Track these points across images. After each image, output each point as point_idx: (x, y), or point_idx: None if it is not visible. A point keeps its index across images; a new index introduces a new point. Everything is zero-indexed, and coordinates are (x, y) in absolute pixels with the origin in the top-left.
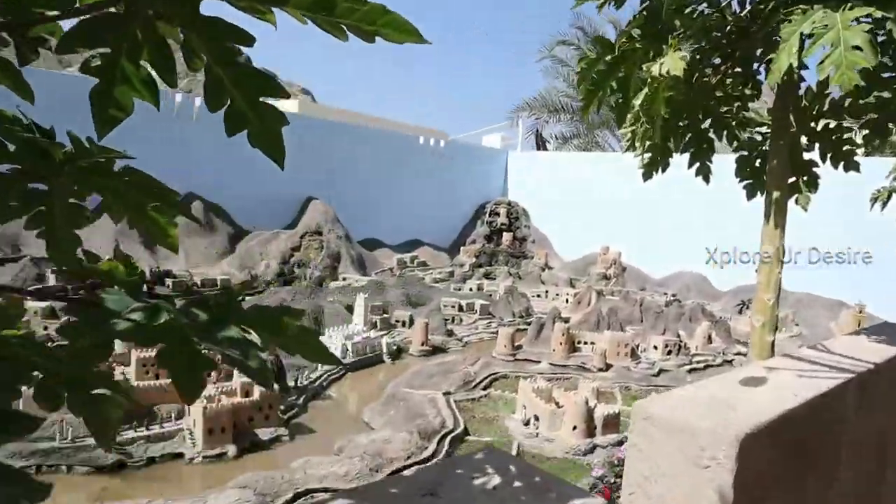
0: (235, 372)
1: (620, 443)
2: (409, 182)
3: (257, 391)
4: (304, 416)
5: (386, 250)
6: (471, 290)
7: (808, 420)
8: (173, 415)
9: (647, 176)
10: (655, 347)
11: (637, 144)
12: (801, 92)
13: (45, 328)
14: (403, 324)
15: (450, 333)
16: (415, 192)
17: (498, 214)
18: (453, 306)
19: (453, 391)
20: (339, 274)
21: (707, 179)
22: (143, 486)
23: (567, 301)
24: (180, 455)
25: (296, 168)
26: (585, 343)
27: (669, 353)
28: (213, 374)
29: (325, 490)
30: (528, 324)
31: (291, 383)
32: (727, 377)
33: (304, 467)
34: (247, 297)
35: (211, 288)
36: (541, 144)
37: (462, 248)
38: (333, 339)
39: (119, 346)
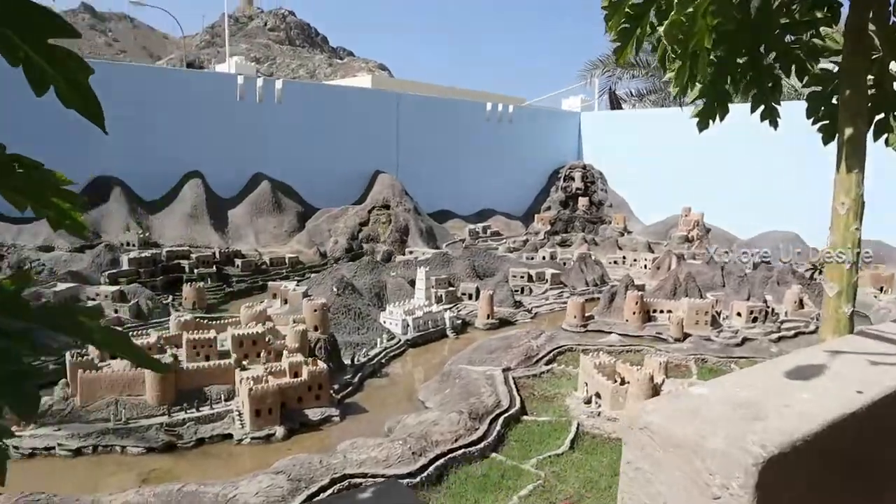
0: (285, 352)
1: None
2: (478, 151)
3: (306, 371)
4: (359, 394)
5: (457, 221)
6: (543, 258)
7: (872, 428)
8: (223, 396)
9: (701, 125)
10: (739, 314)
11: (692, 91)
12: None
13: (116, 311)
14: (470, 296)
15: (518, 305)
16: (484, 161)
17: (573, 179)
18: (522, 276)
19: (513, 367)
20: (406, 247)
21: (775, 124)
22: (191, 466)
23: (645, 267)
24: (229, 436)
25: (363, 142)
26: (661, 311)
27: (755, 320)
28: (263, 354)
29: (364, 476)
30: (602, 292)
31: (347, 361)
32: (762, 369)
33: (348, 450)
34: (311, 274)
35: (280, 266)
36: (615, 103)
37: (536, 215)
38: (394, 315)
39: (173, 327)
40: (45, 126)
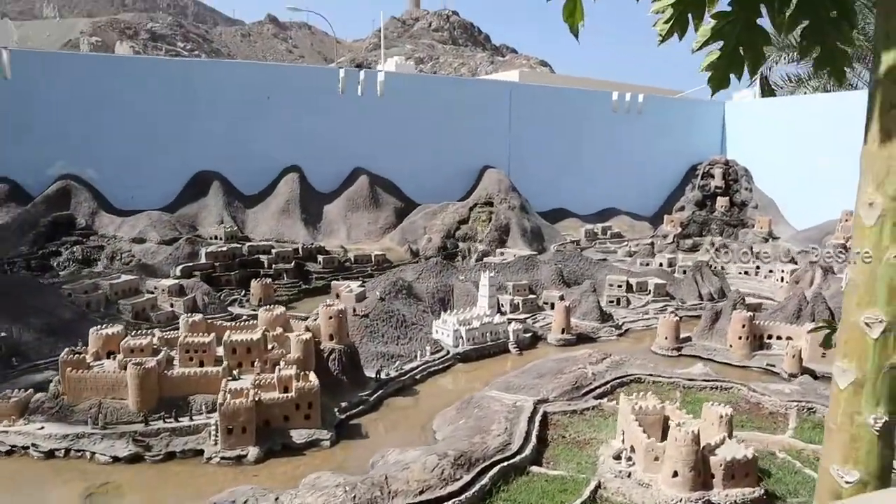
0: (282, 362)
1: None
2: (602, 145)
3: (294, 387)
4: (371, 415)
5: (574, 221)
6: (660, 265)
7: None
8: (206, 407)
9: (715, 86)
10: None
11: (700, 37)
12: None
13: (171, 304)
14: (552, 306)
15: (606, 318)
16: (609, 156)
17: (712, 177)
18: (620, 285)
19: (553, 398)
20: (496, 249)
21: (841, 80)
22: (147, 483)
23: (782, 280)
24: (201, 452)
25: (473, 136)
26: (778, 338)
27: None
28: (257, 363)
29: None
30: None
31: (372, 374)
32: None
33: (300, 491)
34: (379, 269)
35: (365, 264)
36: (767, 89)
37: (665, 216)
38: (447, 324)
39: (182, 328)
40: (152, 126)
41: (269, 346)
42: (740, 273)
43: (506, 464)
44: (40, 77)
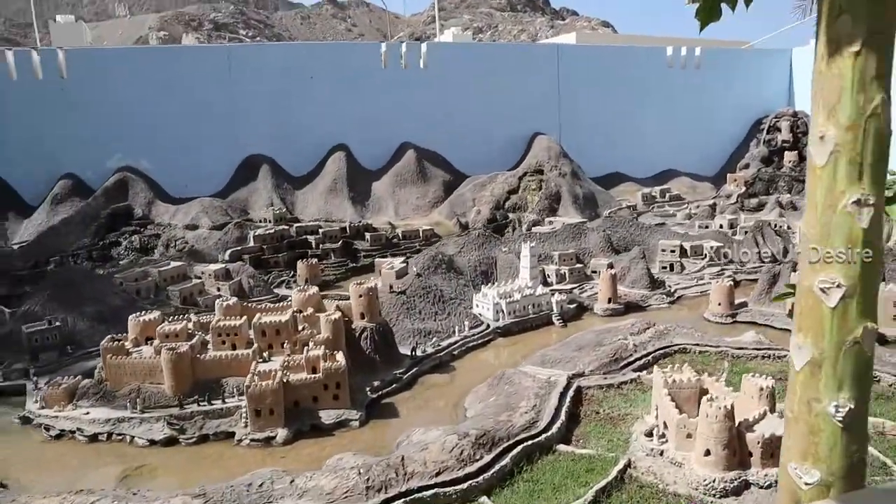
0: (311, 343)
1: None
2: (658, 103)
3: (322, 366)
4: (405, 393)
5: (630, 185)
6: (721, 227)
7: None
8: (236, 390)
9: (704, 18)
10: None
11: None
12: None
13: (218, 289)
14: (601, 274)
15: (657, 285)
16: (666, 115)
17: (779, 130)
18: (673, 250)
19: (589, 371)
20: (546, 218)
21: None
22: (180, 465)
23: None
24: (232, 434)
25: (521, 102)
26: None
27: None
28: (286, 344)
29: None
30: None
31: (408, 352)
32: None
33: (317, 473)
34: (427, 245)
35: (413, 239)
36: None
37: (728, 175)
38: (487, 298)
39: (217, 311)
40: (201, 114)
41: (301, 328)
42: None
43: (530, 443)
44: (94, 74)
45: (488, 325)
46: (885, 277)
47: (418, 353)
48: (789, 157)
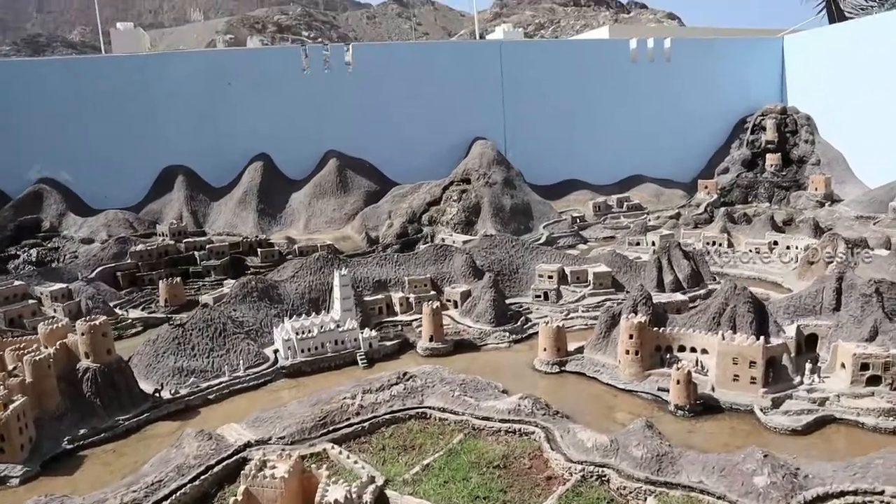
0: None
1: None
2: (622, 102)
3: None
4: (115, 443)
5: (585, 193)
6: (653, 244)
7: None
8: None
9: None
10: (843, 366)
11: None
12: None
13: (54, 310)
14: (455, 304)
15: (507, 320)
16: (631, 115)
17: (764, 129)
18: (550, 276)
19: (274, 440)
20: (460, 232)
21: None
22: None
23: (796, 260)
24: None
25: (461, 105)
26: (693, 350)
27: (872, 380)
28: None
29: None
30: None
31: (157, 393)
32: None
33: None
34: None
35: (308, 255)
36: (836, 14)
37: (700, 181)
38: (281, 333)
39: None
40: (122, 125)
41: (12, 367)
42: (750, 252)
43: None
44: (16, 84)
45: (273, 364)
46: (734, 325)
47: (165, 394)
48: (772, 159)
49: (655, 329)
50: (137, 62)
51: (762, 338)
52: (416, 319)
